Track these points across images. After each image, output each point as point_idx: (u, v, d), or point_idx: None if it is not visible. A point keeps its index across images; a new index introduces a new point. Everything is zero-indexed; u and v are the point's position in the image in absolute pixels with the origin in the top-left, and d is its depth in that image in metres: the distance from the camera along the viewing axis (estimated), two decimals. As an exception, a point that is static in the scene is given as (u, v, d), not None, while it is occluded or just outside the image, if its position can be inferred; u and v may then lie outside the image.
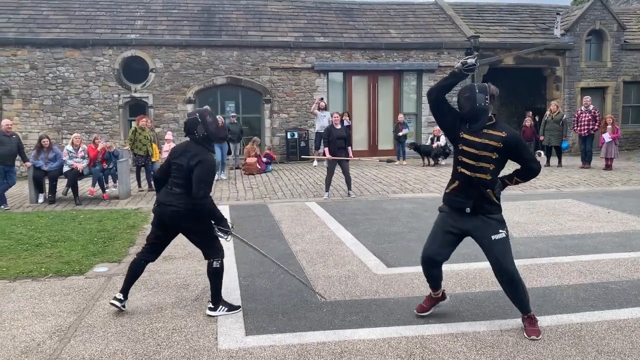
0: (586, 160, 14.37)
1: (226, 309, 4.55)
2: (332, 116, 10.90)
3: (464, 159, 4.00)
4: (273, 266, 5.94)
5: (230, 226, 4.49)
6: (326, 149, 10.54)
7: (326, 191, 10.60)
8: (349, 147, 10.67)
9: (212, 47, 16.49)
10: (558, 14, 19.15)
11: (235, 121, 15.24)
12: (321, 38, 17.36)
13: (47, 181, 10.71)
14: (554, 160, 14.66)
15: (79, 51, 15.75)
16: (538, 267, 5.74)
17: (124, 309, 4.61)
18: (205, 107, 5.70)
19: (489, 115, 3.99)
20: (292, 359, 3.73)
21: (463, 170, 4.01)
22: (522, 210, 8.86)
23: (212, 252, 4.51)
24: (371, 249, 6.63)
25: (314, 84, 17.09)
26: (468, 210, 4.01)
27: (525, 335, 4.00)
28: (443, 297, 4.45)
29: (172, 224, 4.48)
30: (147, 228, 7.95)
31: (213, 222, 4.43)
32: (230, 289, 5.19)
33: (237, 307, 4.63)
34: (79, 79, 15.83)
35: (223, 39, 16.72)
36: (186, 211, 4.35)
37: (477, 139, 3.95)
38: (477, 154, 3.94)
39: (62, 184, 10.91)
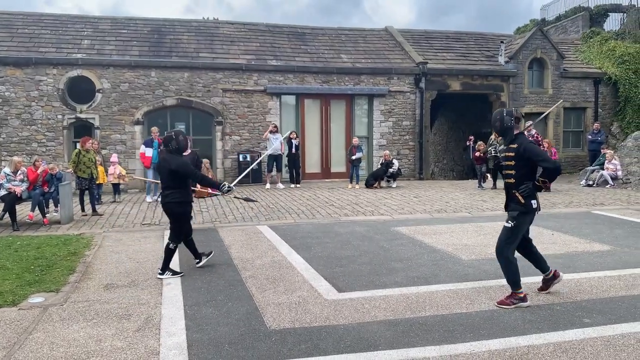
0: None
1: (171, 274, 6.41)
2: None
3: (503, 171, 5.56)
4: (221, 294, 5.79)
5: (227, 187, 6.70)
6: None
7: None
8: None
9: (162, 67, 16.23)
10: (502, 42, 19.99)
11: (186, 143, 14.91)
12: (274, 61, 17.40)
13: (-19, 206, 10.11)
14: (501, 184, 15.04)
15: (20, 70, 15.17)
16: (486, 290, 5.79)
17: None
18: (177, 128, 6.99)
19: (514, 132, 5.25)
20: (238, 393, 3.58)
21: (504, 179, 5.56)
22: (470, 232, 9.01)
23: (175, 236, 6.53)
24: (322, 273, 6.54)
25: (267, 107, 17.05)
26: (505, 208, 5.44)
27: (496, 304, 5.26)
28: (555, 276, 5.57)
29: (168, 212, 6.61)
30: (89, 255, 7.64)
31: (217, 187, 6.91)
32: (175, 319, 4.98)
33: (180, 273, 6.50)
34: (21, 99, 15.21)
35: (173, 59, 16.49)
36: (174, 203, 6.44)
37: (504, 154, 5.46)
38: (504, 164, 5.43)
39: (-2, 208, 10.31)
